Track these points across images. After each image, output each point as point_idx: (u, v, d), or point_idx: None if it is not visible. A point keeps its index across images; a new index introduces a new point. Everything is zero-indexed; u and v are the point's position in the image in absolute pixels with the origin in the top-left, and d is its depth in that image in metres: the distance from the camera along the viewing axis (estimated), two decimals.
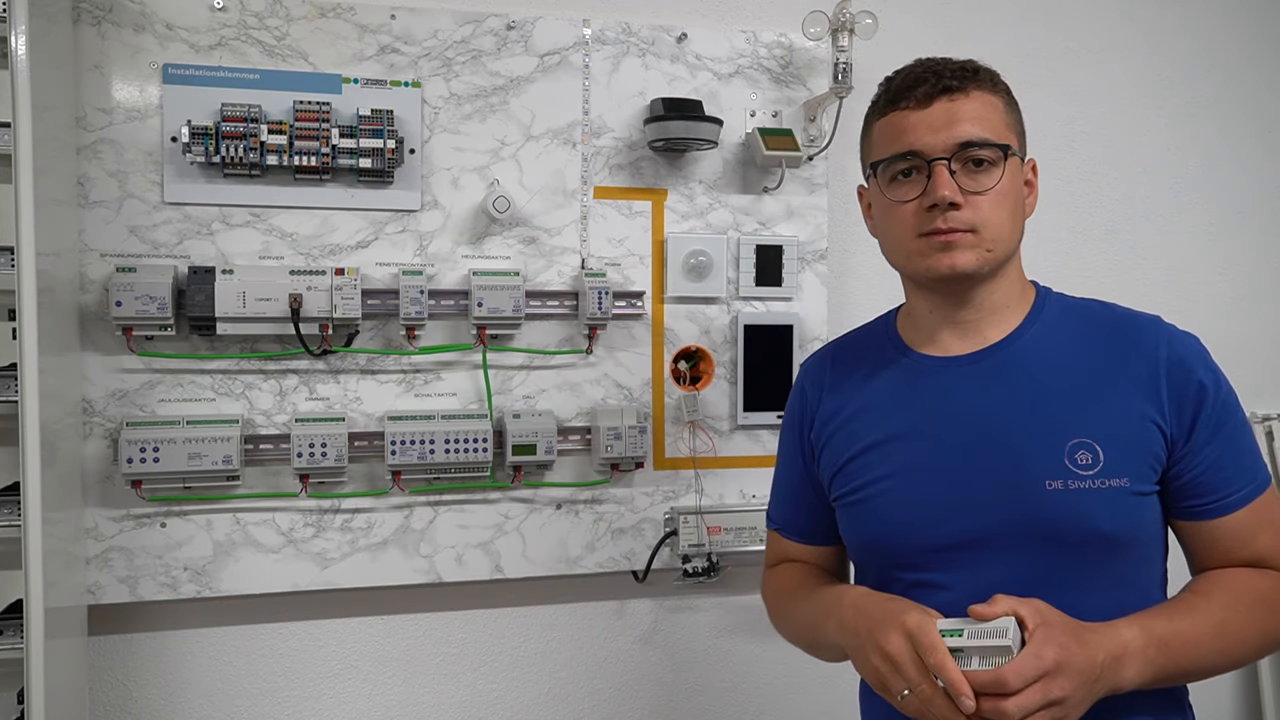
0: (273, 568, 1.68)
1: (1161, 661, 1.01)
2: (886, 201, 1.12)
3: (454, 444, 1.67)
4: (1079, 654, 0.96)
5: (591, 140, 1.79)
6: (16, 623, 1.38)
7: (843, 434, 1.19)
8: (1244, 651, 1.07)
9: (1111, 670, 0.98)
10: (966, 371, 1.13)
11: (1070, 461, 1.06)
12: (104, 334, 1.60)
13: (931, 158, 1.08)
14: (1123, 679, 0.99)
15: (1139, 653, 1.00)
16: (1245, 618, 1.06)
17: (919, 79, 1.11)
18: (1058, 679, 0.94)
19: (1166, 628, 1.02)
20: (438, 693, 1.81)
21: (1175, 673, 1.03)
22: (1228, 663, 1.07)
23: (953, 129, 1.08)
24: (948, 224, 1.07)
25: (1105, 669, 0.97)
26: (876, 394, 1.18)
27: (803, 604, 1.23)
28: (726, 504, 1.86)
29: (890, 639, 0.99)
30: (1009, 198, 1.09)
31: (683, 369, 1.84)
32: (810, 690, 1.96)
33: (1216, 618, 1.05)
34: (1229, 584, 1.08)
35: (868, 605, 1.06)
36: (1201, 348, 1.11)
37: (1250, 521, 1.08)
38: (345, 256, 1.69)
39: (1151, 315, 1.14)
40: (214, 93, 1.62)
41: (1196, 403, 1.07)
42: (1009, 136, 1.11)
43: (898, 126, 1.11)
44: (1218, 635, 1.04)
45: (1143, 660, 1.00)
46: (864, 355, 1.23)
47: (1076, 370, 1.10)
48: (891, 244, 1.15)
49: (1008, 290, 1.14)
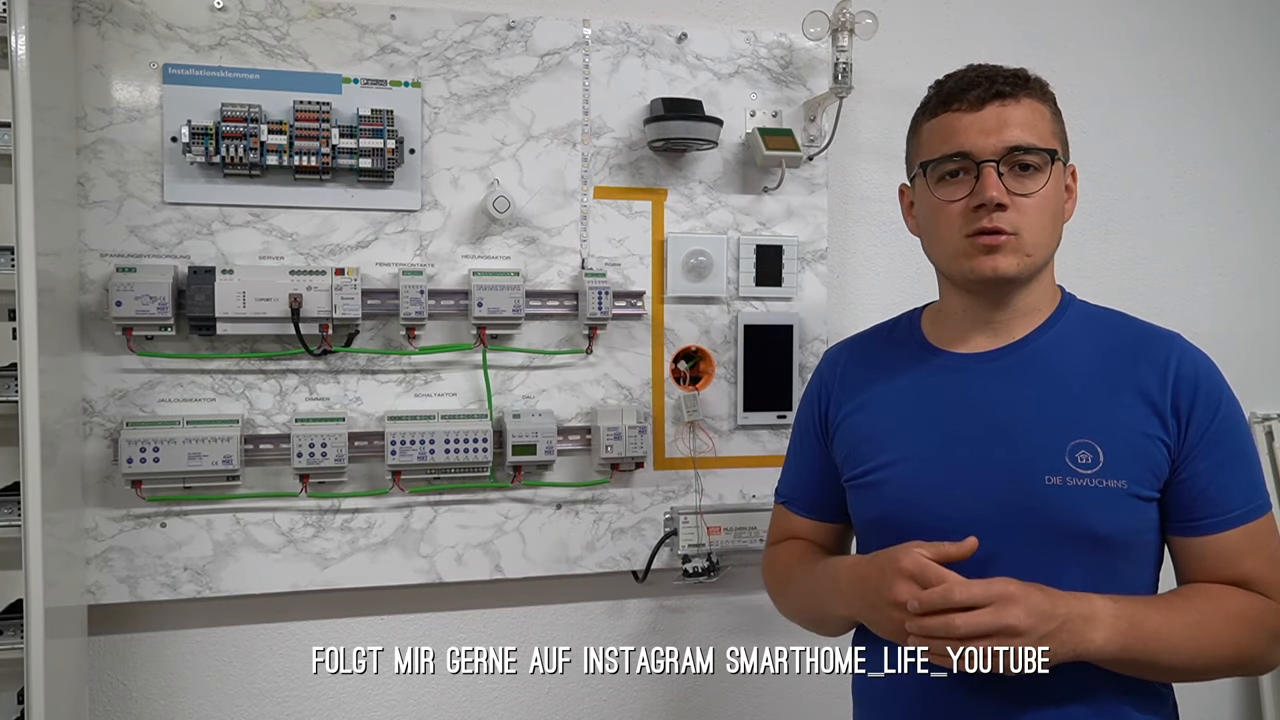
0: (273, 568, 1.68)
1: (1131, 639, 1.03)
2: (934, 201, 1.15)
3: (454, 444, 1.67)
4: (1036, 594, 1.00)
5: (591, 140, 1.79)
6: (16, 623, 1.38)
7: (859, 418, 1.24)
8: (1217, 659, 1.09)
9: (1076, 627, 1.01)
10: (984, 368, 1.17)
11: (1070, 460, 1.09)
12: (104, 334, 1.60)
13: (981, 160, 1.11)
14: (1090, 641, 1.02)
15: (1109, 621, 1.02)
16: (1222, 626, 1.08)
17: (972, 83, 1.14)
18: (1010, 608, 0.98)
19: (1141, 611, 1.05)
20: (438, 693, 1.81)
21: (1145, 658, 1.05)
22: (1200, 664, 1.08)
23: (1003, 133, 1.11)
24: (993, 223, 1.10)
25: (1068, 621, 1.00)
26: (895, 384, 1.22)
27: (801, 582, 1.28)
28: (726, 504, 1.86)
29: (897, 589, 1.04)
30: (1052, 202, 1.13)
31: (683, 369, 1.84)
32: (810, 690, 1.96)
33: (1193, 617, 1.07)
34: (1211, 593, 1.11)
35: (862, 572, 1.12)
36: (1213, 367, 1.13)
37: (1242, 544, 1.10)
38: (345, 256, 1.69)
39: (1170, 331, 1.17)
40: (214, 93, 1.62)
41: (1200, 420, 1.10)
42: (1054, 143, 1.14)
43: (949, 128, 1.14)
44: (1192, 634, 1.06)
45: (1112, 629, 1.02)
46: (886, 349, 1.27)
47: (1088, 373, 1.13)
48: (935, 243, 1.18)
49: (1040, 294, 1.18)
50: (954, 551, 1.05)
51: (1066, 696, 1.08)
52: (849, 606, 1.16)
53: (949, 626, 0.99)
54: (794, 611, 1.32)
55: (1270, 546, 1.12)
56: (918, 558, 1.04)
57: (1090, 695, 1.08)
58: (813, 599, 1.26)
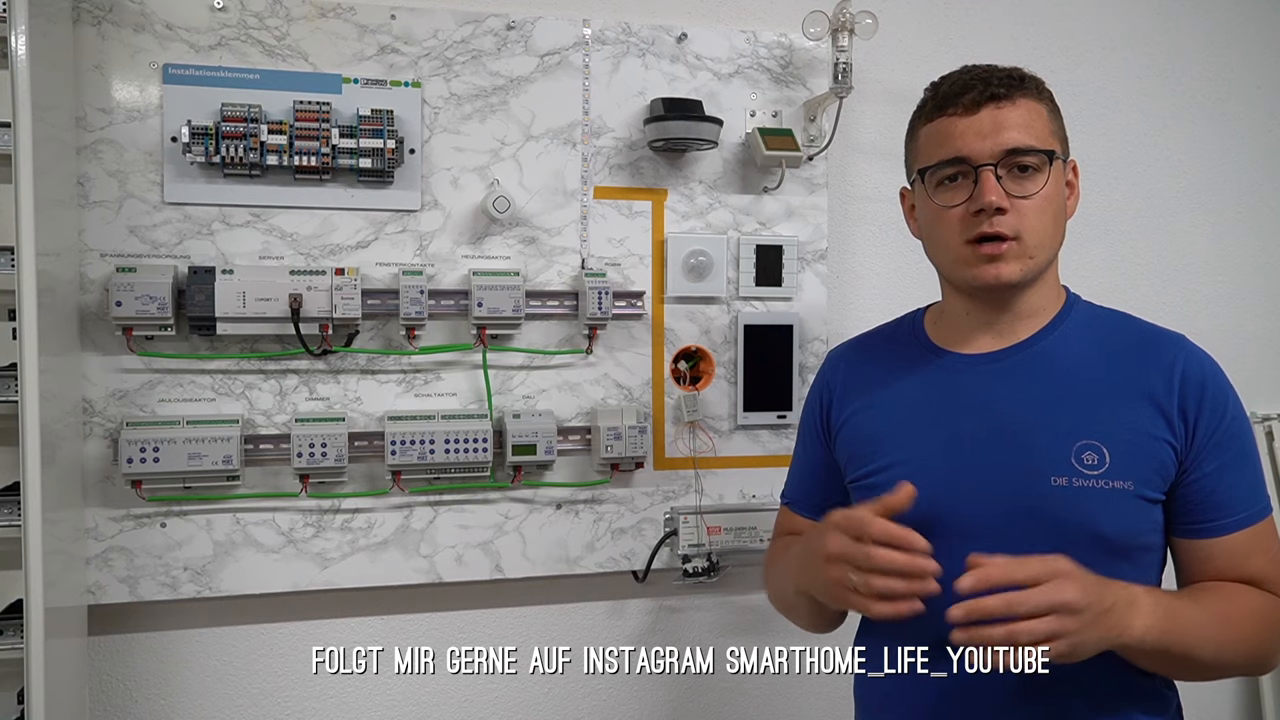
0: (273, 568, 1.68)
1: (1167, 626, 1.02)
2: (933, 206, 1.15)
3: (454, 444, 1.67)
4: (1090, 576, 0.98)
5: (591, 140, 1.79)
6: (16, 623, 1.37)
7: (861, 419, 1.23)
8: (1239, 654, 1.09)
9: (1123, 611, 0.99)
10: (989, 369, 1.16)
11: (1077, 461, 1.09)
12: (104, 334, 1.60)
13: (979, 164, 1.10)
14: (1133, 626, 1.00)
15: (1150, 608, 1.01)
16: (1242, 620, 1.08)
17: (966, 86, 1.13)
18: (1068, 584, 0.96)
19: (1175, 603, 1.05)
20: (438, 693, 1.81)
21: (1179, 649, 1.04)
22: (1226, 659, 1.08)
23: (999, 136, 1.10)
24: (994, 228, 1.09)
25: (1116, 605, 0.99)
26: (898, 386, 1.22)
27: (779, 572, 1.27)
28: (726, 504, 1.85)
29: (828, 542, 1.04)
30: (1052, 202, 1.12)
31: (683, 369, 1.84)
32: (810, 690, 1.96)
33: (1220, 609, 1.07)
34: (1228, 590, 1.11)
35: (808, 537, 1.13)
36: (1219, 370, 1.13)
37: (1245, 546, 1.11)
38: (345, 256, 1.69)
39: (1175, 333, 1.17)
40: (214, 93, 1.62)
41: (1207, 423, 1.10)
42: (1052, 142, 1.14)
43: (945, 133, 1.13)
44: (1220, 626, 1.06)
45: (1151, 615, 1.01)
46: (889, 349, 1.27)
47: (1093, 375, 1.13)
48: (937, 248, 1.17)
49: (1044, 294, 1.17)
50: (892, 501, 1.02)
51: (1067, 696, 1.08)
52: (800, 575, 1.14)
53: (1012, 604, 0.94)
54: (775, 602, 1.32)
55: (1273, 547, 1.12)
56: (845, 511, 1.04)
57: (1091, 695, 1.08)
58: (780, 583, 1.26)
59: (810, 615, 1.24)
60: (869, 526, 1.00)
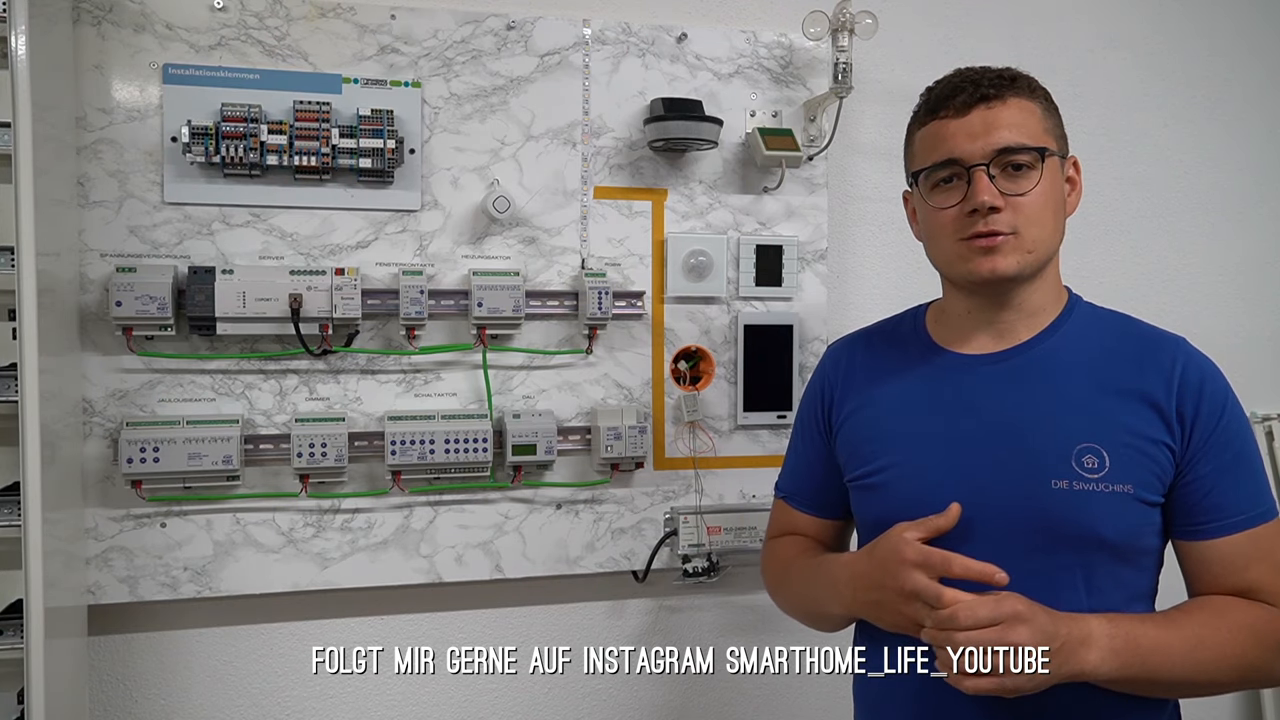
0: (273, 568, 1.68)
1: (1128, 658, 1.03)
2: (929, 208, 1.16)
3: (454, 444, 1.67)
4: (1041, 614, 1.01)
5: (591, 140, 1.79)
6: (16, 623, 1.38)
7: (862, 417, 1.24)
8: (1222, 672, 1.08)
9: (1072, 649, 1.01)
10: (990, 370, 1.16)
11: (1077, 464, 1.09)
12: (104, 334, 1.60)
13: (971, 164, 1.11)
14: (1085, 661, 1.02)
15: (1104, 641, 1.03)
16: (1225, 639, 1.07)
17: (957, 88, 1.14)
18: (1018, 627, 0.99)
19: (1138, 628, 1.05)
20: (438, 693, 1.81)
21: (1144, 675, 1.05)
22: (1204, 679, 1.08)
23: (990, 136, 1.11)
24: (989, 227, 1.10)
25: (1066, 643, 1.01)
26: (899, 384, 1.22)
27: (799, 579, 1.28)
28: (726, 504, 1.85)
29: (906, 578, 1.05)
30: (1049, 199, 1.12)
31: (683, 369, 1.84)
32: (810, 690, 1.96)
33: (1193, 631, 1.07)
34: (1213, 606, 1.10)
35: (861, 569, 1.13)
36: (1218, 372, 1.13)
37: (1246, 549, 1.10)
38: (345, 256, 1.69)
39: (1175, 335, 1.17)
40: (214, 93, 1.62)
41: (1204, 425, 1.10)
42: (1046, 139, 1.14)
43: (937, 135, 1.14)
44: (1193, 648, 1.06)
45: (1108, 649, 1.03)
46: (890, 347, 1.27)
47: (1094, 378, 1.13)
48: (935, 249, 1.18)
49: (1045, 293, 1.17)
50: (942, 523, 1.07)
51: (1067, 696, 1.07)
52: (847, 605, 1.16)
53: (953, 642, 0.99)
54: (791, 608, 1.33)
55: (1277, 554, 1.11)
56: (919, 547, 1.05)
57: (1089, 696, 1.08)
58: (810, 597, 1.27)
59: (840, 626, 1.26)
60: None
